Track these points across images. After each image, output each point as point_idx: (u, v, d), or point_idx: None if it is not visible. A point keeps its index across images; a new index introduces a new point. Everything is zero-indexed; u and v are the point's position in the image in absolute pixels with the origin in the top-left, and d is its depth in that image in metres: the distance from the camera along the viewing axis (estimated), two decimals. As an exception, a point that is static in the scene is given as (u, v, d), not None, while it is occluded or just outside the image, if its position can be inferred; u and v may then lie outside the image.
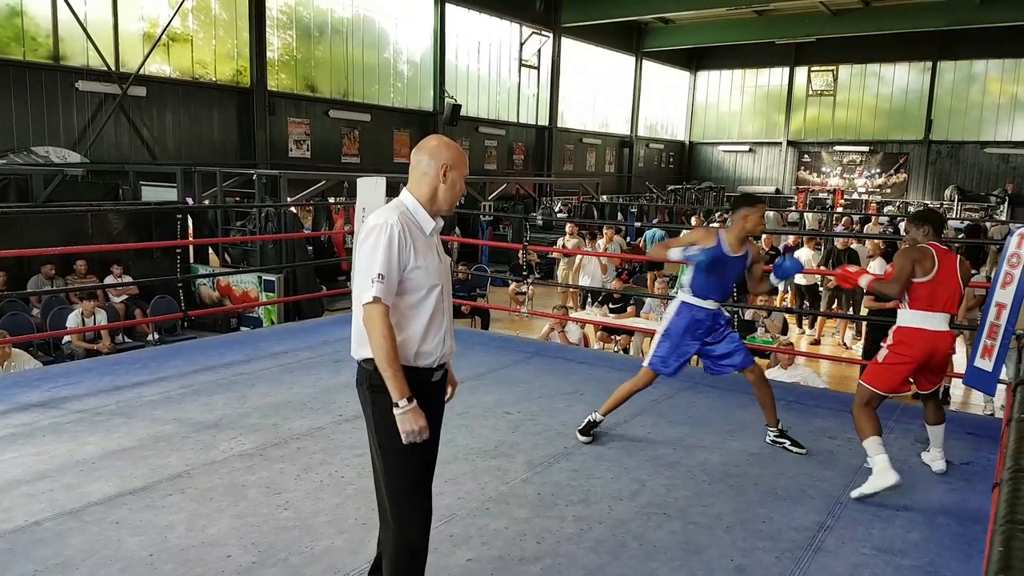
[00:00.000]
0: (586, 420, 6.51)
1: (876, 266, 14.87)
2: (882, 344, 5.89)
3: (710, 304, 6.29)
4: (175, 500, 5.08)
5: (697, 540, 4.78)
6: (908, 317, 5.73)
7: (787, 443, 6.43)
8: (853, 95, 45.95)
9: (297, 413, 6.85)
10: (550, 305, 15.06)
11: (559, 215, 29.54)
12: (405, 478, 3.61)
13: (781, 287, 18.23)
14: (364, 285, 3.49)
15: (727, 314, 6.50)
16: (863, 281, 5.92)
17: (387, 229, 3.52)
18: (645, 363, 6.45)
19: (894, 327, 5.81)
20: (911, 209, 39.39)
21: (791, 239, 19.63)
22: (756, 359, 11.91)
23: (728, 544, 4.75)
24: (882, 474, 5.36)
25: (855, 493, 5.45)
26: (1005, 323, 6.54)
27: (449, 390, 4.03)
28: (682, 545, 4.71)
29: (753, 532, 4.91)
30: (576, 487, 5.47)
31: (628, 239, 23.24)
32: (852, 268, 6.25)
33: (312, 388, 7.62)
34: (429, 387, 3.68)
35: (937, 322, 5.65)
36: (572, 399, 7.60)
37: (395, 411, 3.47)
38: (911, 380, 5.83)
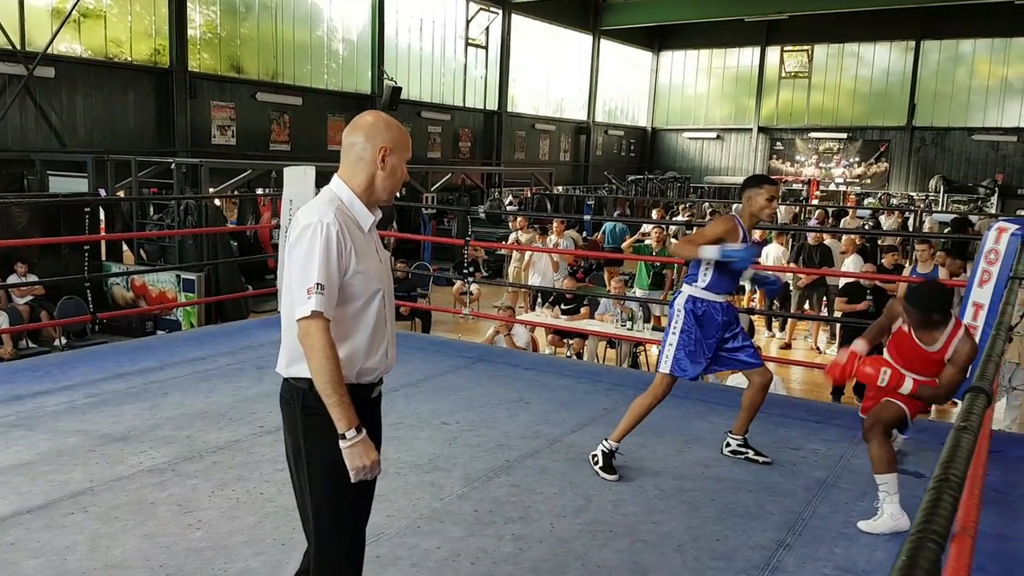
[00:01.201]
0: (600, 453, 6.21)
1: (851, 263, 15.02)
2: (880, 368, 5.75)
3: (721, 298, 6.25)
4: (77, 519, 5.07)
5: (645, 560, 4.84)
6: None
7: (750, 453, 6.51)
8: (829, 77, 46.26)
9: (214, 424, 6.84)
10: (500, 306, 15.10)
11: (509, 208, 29.60)
12: (341, 519, 3.48)
13: (748, 286, 18.40)
14: (299, 297, 3.30)
15: (734, 307, 6.42)
16: (906, 387, 5.41)
17: (323, 230, 3.33)
18: (664, 368, 6.26)
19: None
20: (893, 201, 39.74)
21: (757, 233, 19.76)
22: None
23: (678, 564, 4.81)
24: (900, 516, 5.24)
25: (863, 524, 5.43)
26: (983, 324, 6.65)
27: None
28: (628, 565, 4.77)
29: (706, 551, 4.97)
30: (516, 503, 5.52)
31: (584, 234, 23.32)
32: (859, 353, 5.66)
33: (231, 397, 7.62)
34: (369, 405, 3.58)
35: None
36: (516, 408, 7.65)
37: (342, 444, 3.29)
38: None
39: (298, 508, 3.59)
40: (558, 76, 43.65)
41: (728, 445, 6.62)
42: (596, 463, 6.17)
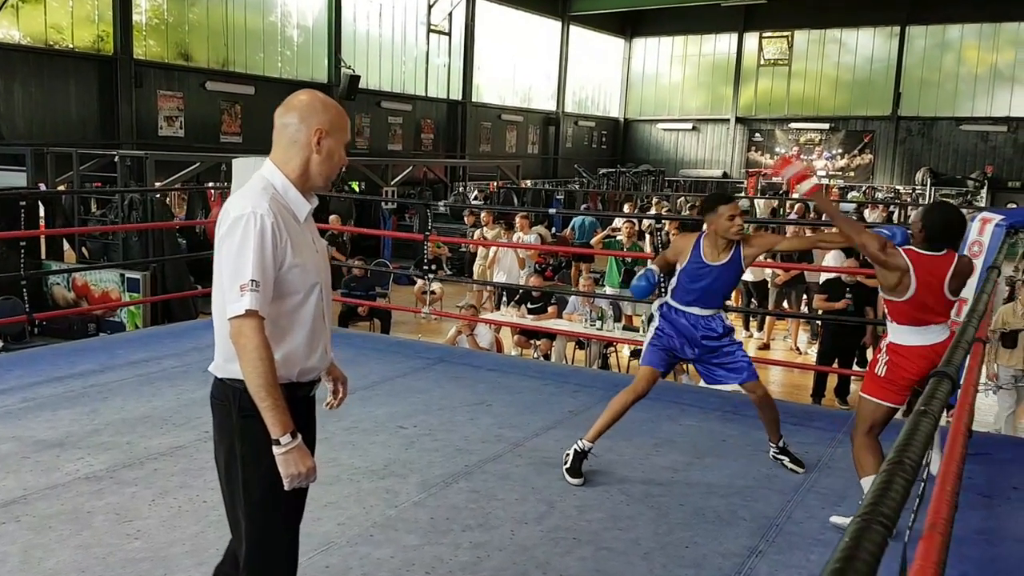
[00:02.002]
0: (572, 452, 6.24)
1: (831, 259, 15.06)
2: (876, 355, 5.81)
3: (695, 310, 6.36)
4: (9, 529, 5.04)
5: (609, 568, 4.84)
6: (896, 332, 5.57)
7: (786, 459, 6.54)
8: (810, 65, 46.33)
9: (156, 430, 6.82)
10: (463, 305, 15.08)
11: (475, 203, 29.58)
12: (275, 527, 3.45)
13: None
14: (231, 293, 3.23)
15: (725, 320, 6.49)
16: (806, 186, 5.73)
17: (256, 221, 3.25)
18: (640, 361, 6.53)
19: (887, 341, 5.72)
20: (879, 195, 39.88)
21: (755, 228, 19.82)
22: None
23: (645, 572, 4.82)
24: None
25: (836, 519, 5.52)
26: (966, 319, 6.69)
27: (340, 389, 3.93)
28: (592, 574, 4.77)
29: (674, 559, 4.99)
30: (475, 510, 5.52)
31: (553, 229, 23.32)
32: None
33: (175, 401, 7.59)
34: (307, 403, 3.58)
35: (933, 335, 5.60)
36: (477, 411, 7.66)
37: (276, 450, 3.23)
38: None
39: (227, 515, 3.56)
40: (525, 64, 43.64)
41: (769, 451, 6.67)
42: (565, 463, 6.18)
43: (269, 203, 3.30)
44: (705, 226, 6.39)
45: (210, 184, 22.13)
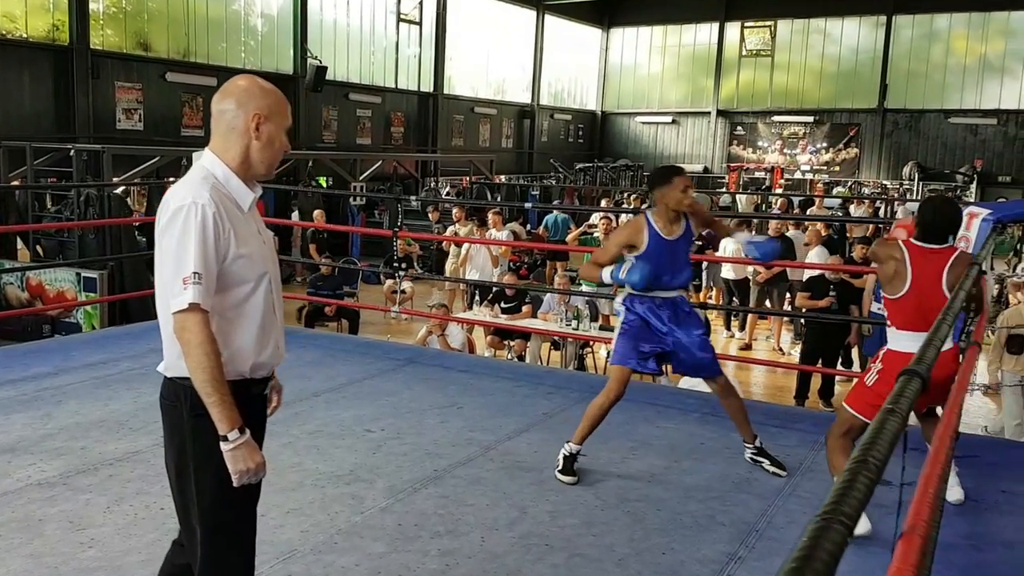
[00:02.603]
0: (561, 457, 6.34)
1: (815, 255, 15.13)
2: (871, 364, 5.86)
3: (661, 294, 6.36)
4: (-44, 539, 5.01)
5: (583, 575, 4.84)
6: (895, 339, 5.61)
7: (766, 462, 6.54)
8: (794, 56, 46.35)
9: (112, 434, 6.78)
10: (433, 304, 15.05)
11: (447, 198, 29.55)
12: (233, 528, 3.46)
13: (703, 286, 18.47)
14: (173, 287, 3.24)
15: (689, 303, 6.53)
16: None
17: (197, 211, 3.26)
18: (611, 360, 6.56)
19: (884, 348, 5.73)
20: (865, 190, 39.98)
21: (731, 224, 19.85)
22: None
23: (619, 579, 4.83)
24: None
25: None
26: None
27: (274, 398, 3.84)
28: (565, 581, 4.78)
29: (649, 565, 4.99)
30: (444, 516, 5.51)
31: (529, 226, 23.35)
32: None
33: (132, 405, 7.55)
34: (260, 401, 3.60)
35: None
36: (448, 414, 7.65)
37: (224, 446, 3.26)
38: None
39: (179, 519, 3.56)
40: (499, 55, 43.61)
41: (745, 452, 6.66)
42: (557, 468, 6.26)
43: (210, 192, 3.32)
44: (654, 201, 6.40)
45: (171, 179, 22.00)
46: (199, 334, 3.21)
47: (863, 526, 5.22)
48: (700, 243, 17.77)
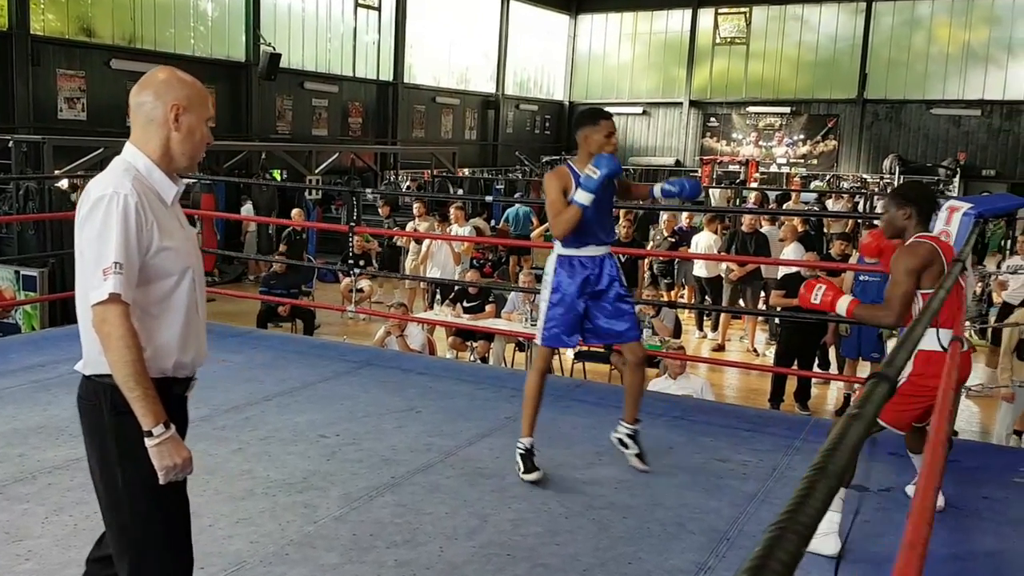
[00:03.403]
0: (517, 454, 6.41)
1: (791, 252, 15.18)
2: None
3: (591, 251, 6.38)
4: None
5: (546, 586, 4.86)
6: (930, 338, 5.36)
7: (633, 451, 6.60)
8: (770, 44, 46.44)
9: (51, 441, 6.75)
10: (392, 304, 15.01)
11: (407, 192, 29.50)
12: (159, 527, 3.48)
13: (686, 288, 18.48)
14: (93, 279, 3.28)
15: (615, 262, 6.54)
16: (841, 306, 5.57)
17: (120, 201, 3.31)
18: (536, 340, 6.58)
19: (915, 351, 5.58)
20: (844, 184, 40.07)
21: (684, 219, 19.85)
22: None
23: (584, 590, 4.84)
24: (824, 539, 5.23)
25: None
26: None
27: None
28: (527, 592, 4.79)
29: (615, 575, 5.00)
30: (401, 525, 5.51)
31: (493, 222, 23.33)
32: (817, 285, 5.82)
33: (72, 410, 7.23)
34: (182, 402, 3.62)
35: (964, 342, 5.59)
36: (406, 418, 7.64)
37: (149, 442, 3.27)
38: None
39: (105, 524, 3.57)
40: (462, 42, 43.62)
41: (615, 432, 6.70)
42: (518, 470, 6.30)
43: (132, 183, 3.37)
44: (578, 144, 6.44)
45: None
46: (120, 327, 3.24)
47: (832, 546, 5.24)
48: (673, 240, 17.81)
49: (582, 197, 6.11)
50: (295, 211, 20.69)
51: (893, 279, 5.43)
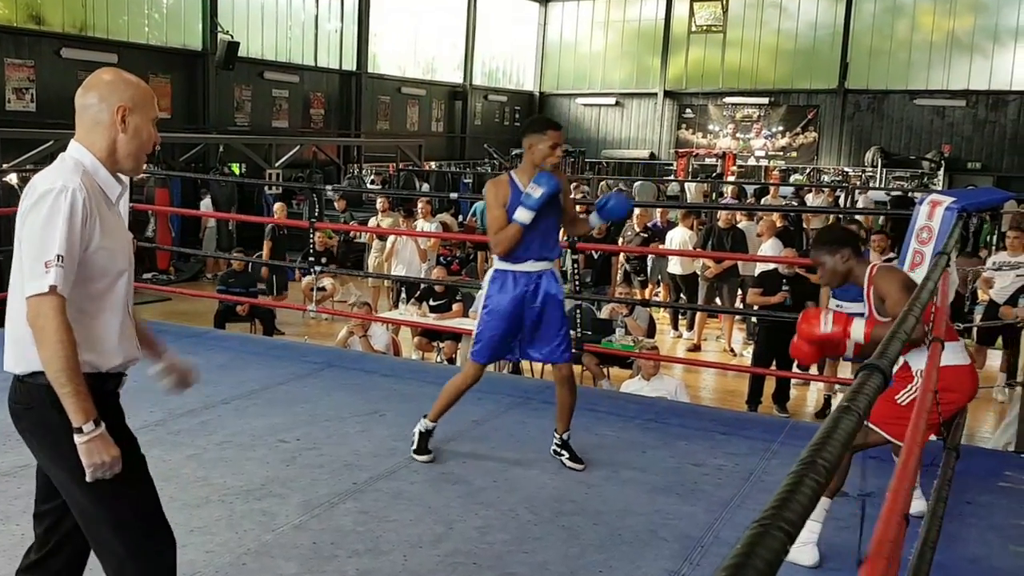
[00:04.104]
0: (416, 433, 6.69)
1: (768, 248, 15.20)
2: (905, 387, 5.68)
3: (529, 266, 6.48)
4: None
5: (514, 595, 4.87)
6: (948, 353, 5.32)
7: (565, 456, 6.72)
8: (748, 32, 46.16)
9: (-5, 447, 6.74)
10: (355, 303, 14.97)
11: (371, 187, 29.43)
12: (132, 509, 3.59)
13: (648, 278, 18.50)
14: (33, 270, 3.34)
15: (558, 278, 6.67)
16: (856, 334, 5.42)
17: (67, 195, 3.39)
18: (468, 354, 6.83)
19: (937, 367, 5.53)
20: (824, 178, 40.12)
21: (659, 215, 19.83)
22: (615, 368, 12.13)
23: (553, 599, 4.85)
24: (802, 549, 5.28)
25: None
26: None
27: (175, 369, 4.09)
28: (494, 602, 4.80)
29: (585, 584, 5.02)
30: (364, 533, 5.52)
31: (461, 217, 23.30)
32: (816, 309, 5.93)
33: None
34: (114, 398, 3.68)
35: (962, 353, 5.65)
36: (369, 422, 7.66)
37: (78, 439, 3.34)
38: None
39: (79, 520, 3.63)
40: (428, 31, 43.40)
41: (552, 445, 6.86)
42: (412, 445, 6.64)
43: (81, 179, 3.45)
44: (523, 152, 6.50)
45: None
46: (55, 320, 3.30)
47: (811, 557, 5.26)
48: (645, 235, 17.81)
49: (522, 216, 6.25)
50: (278, 205, 20.55)
51: (893, 299, 5.37)
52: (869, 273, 5.55)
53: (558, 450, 6.77)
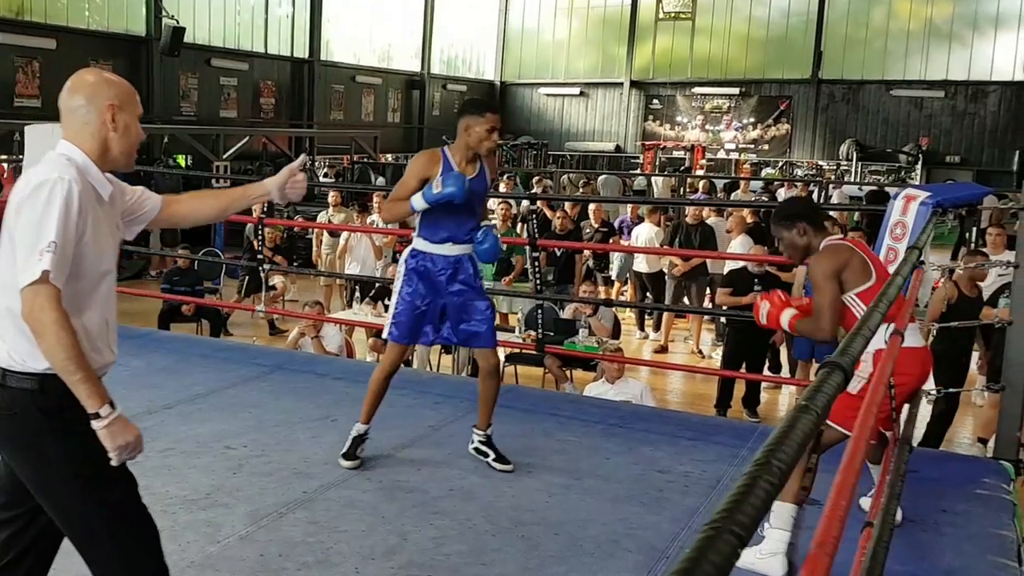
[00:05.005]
0: (349, 439, 6.72)
1: (738, 245, 15.22)
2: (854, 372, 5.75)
3: (447, 249, 6.53)
4: None
5: (470, 609, 4.87)
6: (880, 335, 5.25)
7: (491, 456, 6.75)
8: (717, 20, 46.29)
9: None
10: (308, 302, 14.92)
11: (323, 180, 29.38)
12: (120, 512, 3.69)
13: (615, 276, 18.55)
14: (27, 261, 3.39)
15: (476, 263, 6.73)
16: (784, 321, 5.81)
17: (64, 186, 3.46)
18: (384, 333, 6.80)
19: (871, 351, 5.71)
20: (797, 171, 40.20)
21: (629, 211, 19.82)
22: (578, 370, 12.14)
23: (511, 613, 4.86)
24: (771, 558, 5.26)
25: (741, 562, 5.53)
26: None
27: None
28: (450, 616, 4.80)
29: (545, 597, 5.03)
30: (314, 544, 5.50)
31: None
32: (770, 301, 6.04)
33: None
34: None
35: (917, 335, 5.71)
36: (320, 427, 7.63)
37: (98, 424, 3.41)
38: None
39: (62, 528, 3.69)
40: (384, 16, 43.44)
41: (472, 441, 6.87)
42: (343, 451, 6.67)
43: (76, 173, 3.52)
44: (458, 131, 6.60)
45: (2, 157, 21.73)
46: (54, 309, 3.35)
47: (779, 568, 5.27)
48: (605, 230, 17.82)
49: (417, 203, 6.31)
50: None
51: (815, 287, 5.58)
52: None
53: (482, 449, 6.78)
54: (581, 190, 27.01)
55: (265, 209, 11.69)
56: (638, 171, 38.74)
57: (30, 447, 3.55)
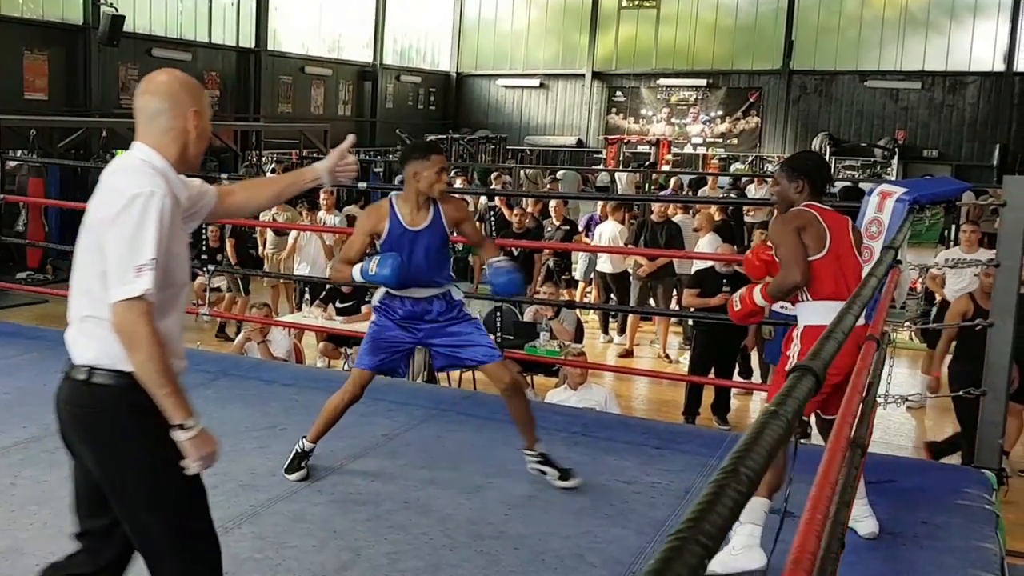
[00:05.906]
0: (292, 452, 6.72)
1: (706, 244, 15.25)
2: (784, 352, 5.91)
3: (413, 292, 6.55)
4: None
5: (427, 628, 4.86)
6: (815, 311, 5.63)
7: (549, 474, 6.70)
8: (684, 7, 46.19)
9: None
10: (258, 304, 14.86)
11: (270, 177, 29.26)
12: (195, 513, 4.02)
13: (580, 276, 18.57)
14: (124, 275, 3.56)
15: (451, 297, 6.72)
16: (757, 298, 5.91)
17: (158, 201, 3.61)
18: (355, 364, 6.97)
19: (800, 328, 5.80)
20: (769, 167, 40.21)
21: (599, 209, 19.81)
22: (539, 376, 12.14)
23: (470, 632, 4.84)
24: (746, 552, 5.32)
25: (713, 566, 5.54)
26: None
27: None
28: (405, 636, 4.79)
29: (506, 614, 5.01)
30: (262, 561, 5.50)
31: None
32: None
33: None
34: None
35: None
36: (268, 437, 7.62)
37: (182, 435, 3.69)
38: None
39: (131, 529, 3.87)
40: (335, 5, 43.35)
41: (528, 463, 6.81)
42: (284, 465, 6.67)
43: (165, 184, 3.72)
44: (405, 180, 6.59)
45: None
46: (147, 325, 3.57)
47: (758, 559, 5.27)
48: (567, 228, 17.81)
49: (356, 274, 6.46)
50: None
51: (776, 242, 5.77)
52: None
53: (539, 468, 6.71)
54: (549, 187, 27.05)
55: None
56: (601, 167, 38.72)
57: (116, 446, 3.76)
